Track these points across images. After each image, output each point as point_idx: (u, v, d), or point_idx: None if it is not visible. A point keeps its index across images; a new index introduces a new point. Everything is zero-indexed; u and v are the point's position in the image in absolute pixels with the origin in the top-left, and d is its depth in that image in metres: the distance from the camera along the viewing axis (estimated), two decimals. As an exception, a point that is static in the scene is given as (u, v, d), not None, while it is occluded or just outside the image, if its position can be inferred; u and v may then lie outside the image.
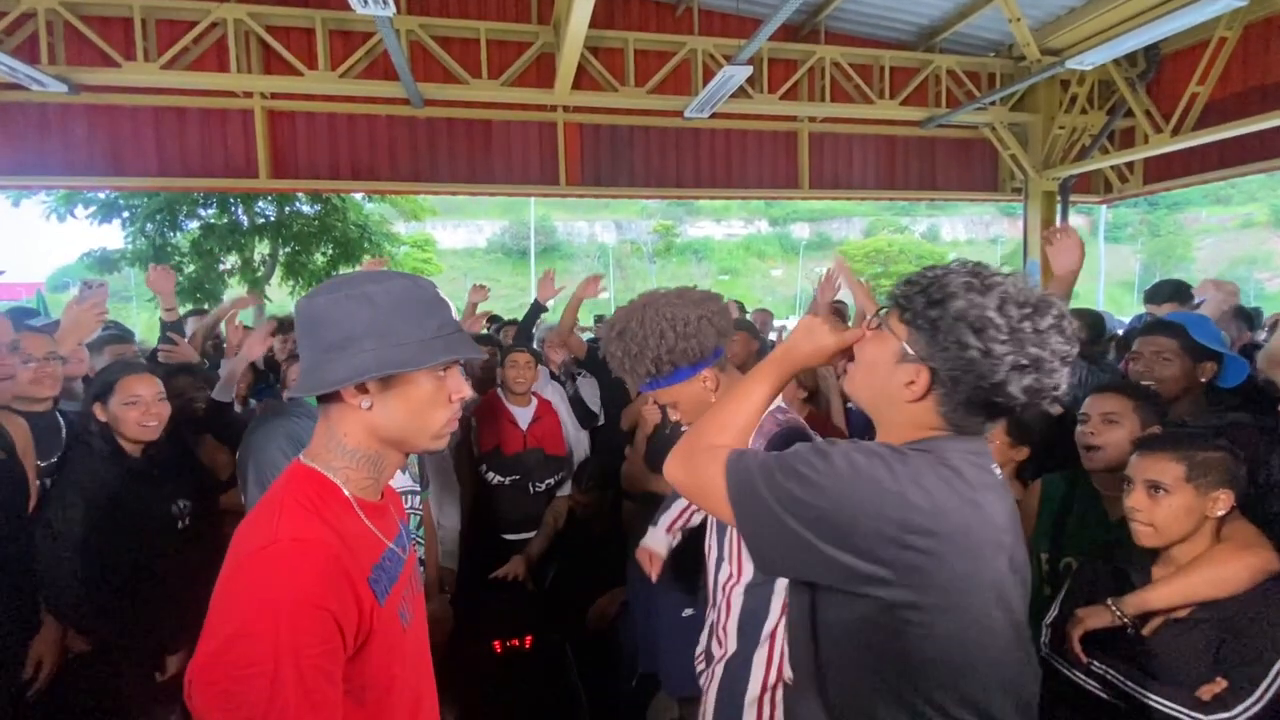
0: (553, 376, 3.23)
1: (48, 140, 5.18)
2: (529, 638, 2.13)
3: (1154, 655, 1.21)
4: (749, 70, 4.85)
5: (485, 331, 3.95)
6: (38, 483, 1.77)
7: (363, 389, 0.86)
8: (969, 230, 46.87)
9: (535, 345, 3.41)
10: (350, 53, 5.09)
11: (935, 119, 6.31)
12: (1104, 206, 8.98)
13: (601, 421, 3.20)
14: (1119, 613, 1.25)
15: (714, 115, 5.83)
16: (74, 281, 10.32)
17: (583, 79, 5.46)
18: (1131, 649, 1.25)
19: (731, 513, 0.86)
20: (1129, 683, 1.19)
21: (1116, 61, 5.80)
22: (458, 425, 0.98)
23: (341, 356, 0.84)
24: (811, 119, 6.56)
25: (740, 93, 5.50)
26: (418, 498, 1.74)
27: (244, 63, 4.96)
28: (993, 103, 6.17)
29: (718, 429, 0.96)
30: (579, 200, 7.50)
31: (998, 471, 0.89)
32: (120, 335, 2.92)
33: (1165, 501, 1.24)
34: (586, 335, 5.29)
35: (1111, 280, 31.51)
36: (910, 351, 0.86)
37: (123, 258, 8.94)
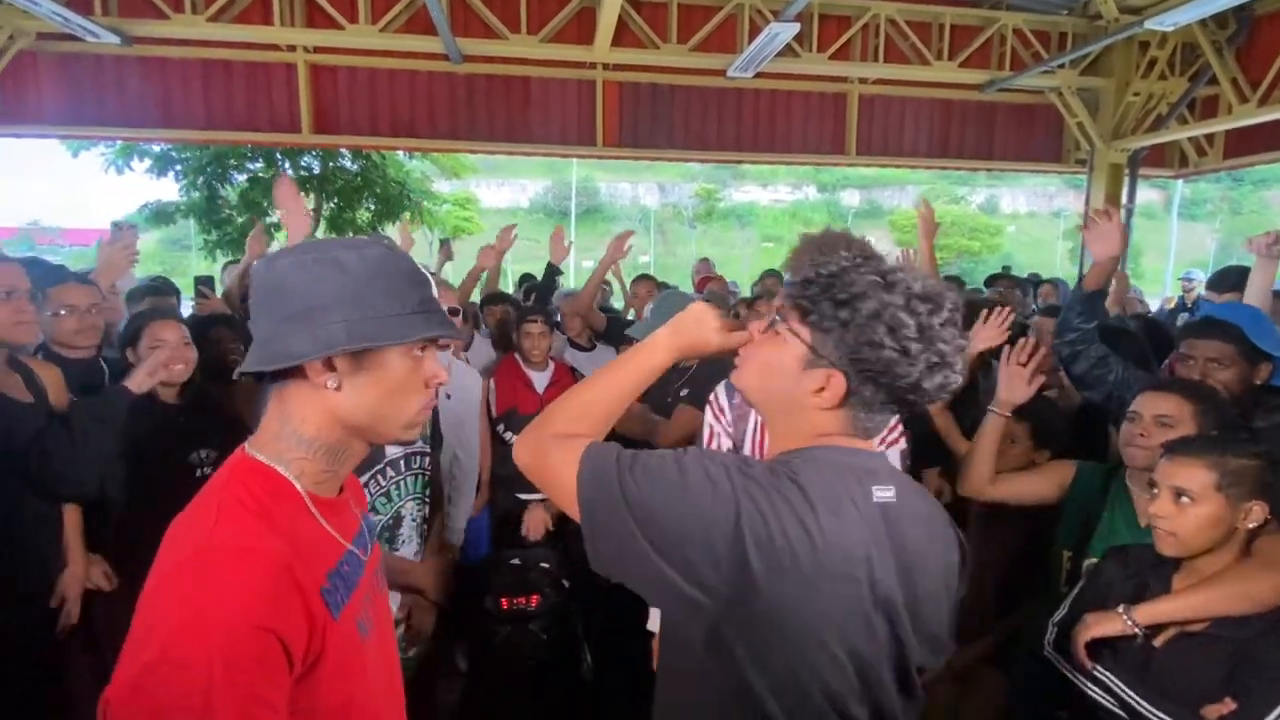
0: (573, 344, 3.23)
1: (103, 92, 5.33)
2: (535, 596, 2.17)
3: (1162, 668, 1.15)
4: (796, 27, 4.61)
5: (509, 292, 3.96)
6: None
7: (330, 366, 0.74)
8: (1030, 203, 44.66)
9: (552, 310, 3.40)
10: (390, 6, 5.04)
11: (997, 82, 5.92)
12: (1179, 181, 8.39)
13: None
14: (1130, 620, 1.19)
15: (758, 75, 5.60)
16: (138, 226, 10.72)
17: (623, 35, 5.30)
18: (1140, 659, 1.19)
19: (578, 507, 0.79)
20: (1131, 693, 1.14)
21: (1203, 22, 5.31)
22: (481, 394, 0.92)
23: (305, 327, 0.73)
24: (862, 80, 6.25)
25: (787, 51, 5.25)
26: (427, 458, 1.77)
27: (287, 15, 4.97)
28: (1061, 65, 5.74)
29: (576, 415, 0.88)
30: (621, 161, 7.36)
31: (879, 493, 0.80)
32: (159, 287, 3.03)
33: (1191, 510, 1.16)
34: (617, 302, 5.27)
35: (1183, 260, 29.63)
36: (819, 355, 0.80)
37: (177, 210, 9.24)
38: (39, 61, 5.18)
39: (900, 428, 1.57)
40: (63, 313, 1.96)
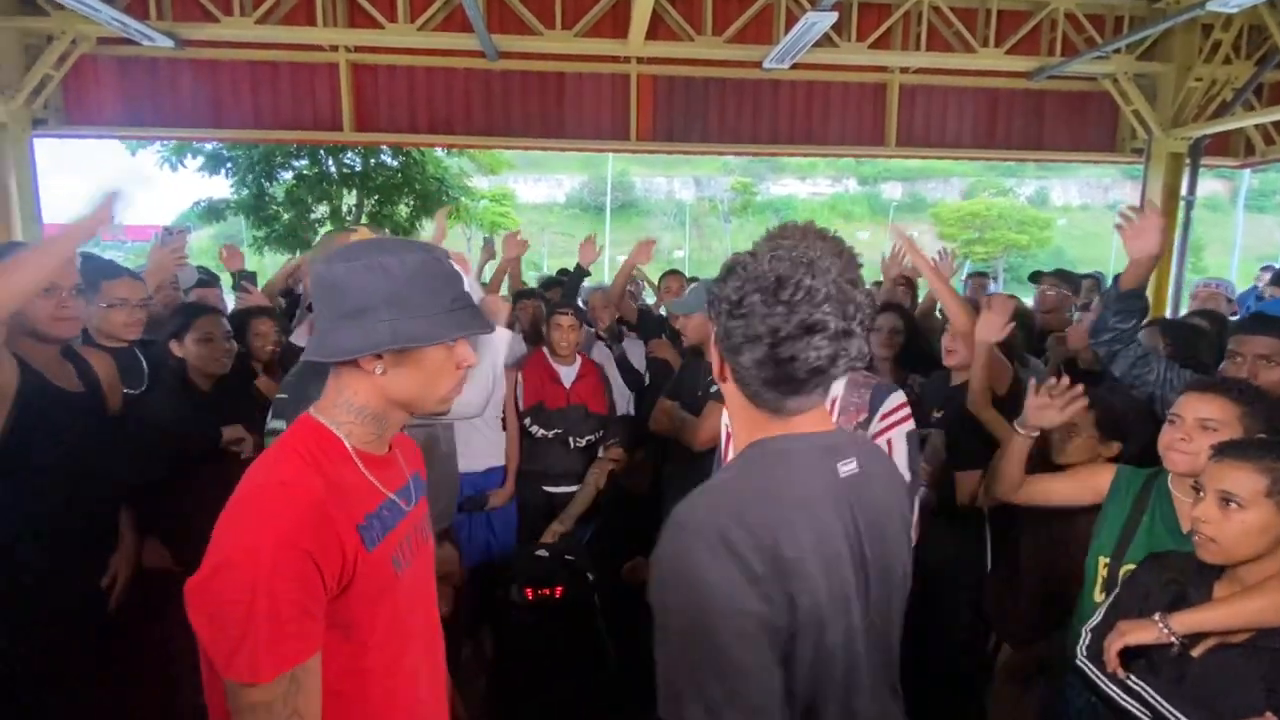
0: (599, 338, 3.25)
1: (158, 93, 5.56)
2: (559, 588, 2.19)
3: (1200, 679, 1.10)
4: (834, 16, 4.51)
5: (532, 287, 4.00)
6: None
7: (377, 356, 0.89)
8: (1083, 194, 42.86)
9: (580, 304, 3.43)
10: (428, 4, 5.13)
11: (1047, 69, 5.68)
12: (1246, 171, 7.94)
13: (648, 383, 3.20)
14: (1166, 629, 1.14)
15: (795, 66, 5.50)
16: (191, 227, 11.20)
17: (658, 28, 5.27)
18: (1176, 669, 1.13)
19: None
20: (1166, 703, 1.09)
21: (1271, 2, 5.00)
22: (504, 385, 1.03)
23: (357, 326, 0.87)
24: (903, 70, 6.07)
25: (825, 41, 5.15)
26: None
27: (330, 16, 5.11)
28: (1117, 50, 5.48)
29: None
30: (657, 156, 7.34)
31: (843, 469, 0.87)
32: (206, 281, 3.16)
33: (1238, 516, 1.10)
34: (648, 298, 5.27)
35: (1250, 254, 28.08)
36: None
37: (228, 206, 9.61)
38: (99, 65, 5.44)
39: (906, 409, 1.52)
40: (114, 305, 2.06)
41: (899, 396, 1.52)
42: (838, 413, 1.53)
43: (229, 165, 9.00)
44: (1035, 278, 4.45)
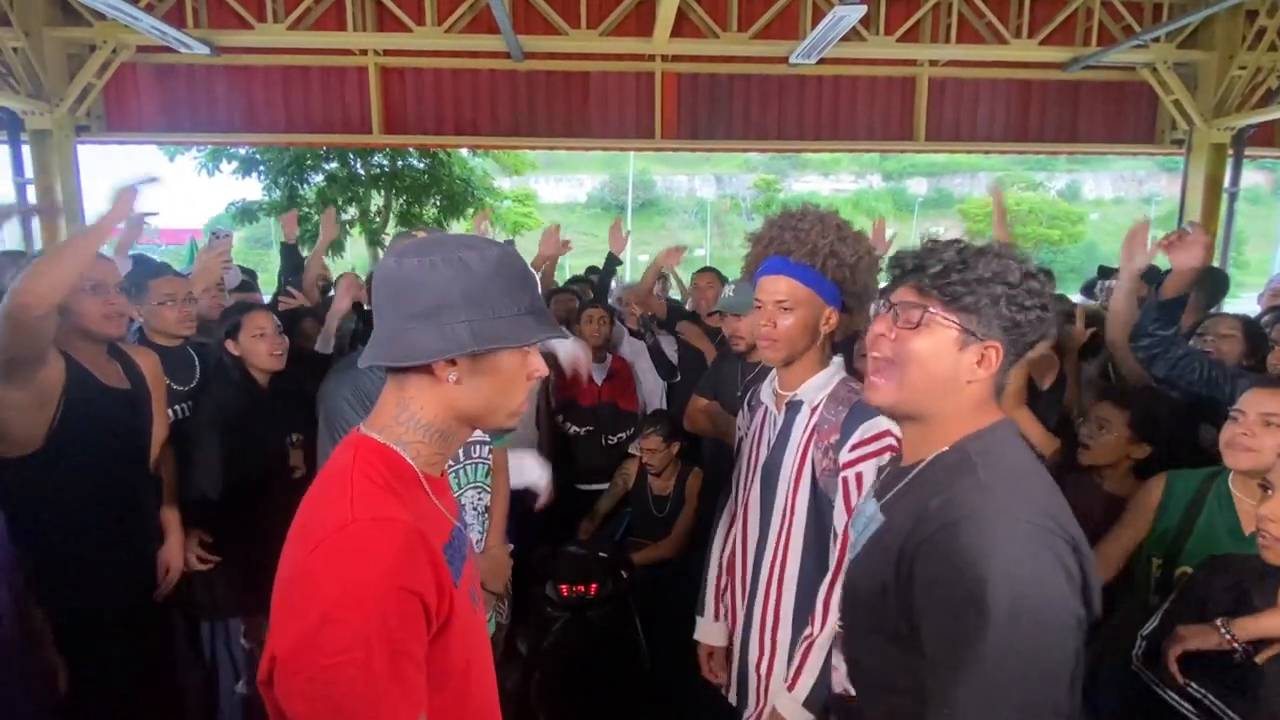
0: (632, 333, 3.25)
1: (194, 99, 5.70)
2: (594, 585, 2.20)
3: (1266, 687, 1.06)
4: (862, 9, 4.44)
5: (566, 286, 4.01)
6: (169, 410, 2.01)
7: (451, 362, 0.79)
8: (1116, 188, 41.75)
9: (612, 301, 3.43)
10: (455, 6, 5.18)
11: (1082, 60, 5.54)
12: (1291, 161, 7.66)
13: (678, 379, 3.19)
14: (1229, 634, 1.10)
15: (821, 61, 5.44)
16: (231, 230, 11.48)
17: (682, 26, 5.26)
18: (1238, 676, 1.09)
19: None
20: (1229, 711, 1.06)
21: (1323, -16, 4.82)
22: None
23: (432, 326, 0.77)
24: (933, 63, 5.97)
25: (852, 35, 5.08)
26: (486, 447, 1.81)
27: (359, 21, 5.19)
28: (1156, 39, 5.32)
29: None
30: (679, 154, 7.32)
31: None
32: (246, 283, 3.24)
33: None
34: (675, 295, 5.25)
35: (1294, 248, 27.10)
36: (971, 333, 0.88)
37: (261, 209, 9.82)
38: (139, 73, 5.59)
39: (887, 438, 1.27)
40: (164, 303, 2.11)
41: (880, 423, 1.26)
42: (811, 428, 1.36)
43: (261, 169, 9.21)
44: (1106, 273, 4.22)
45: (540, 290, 0.91)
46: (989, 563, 0.74)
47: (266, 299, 3.44)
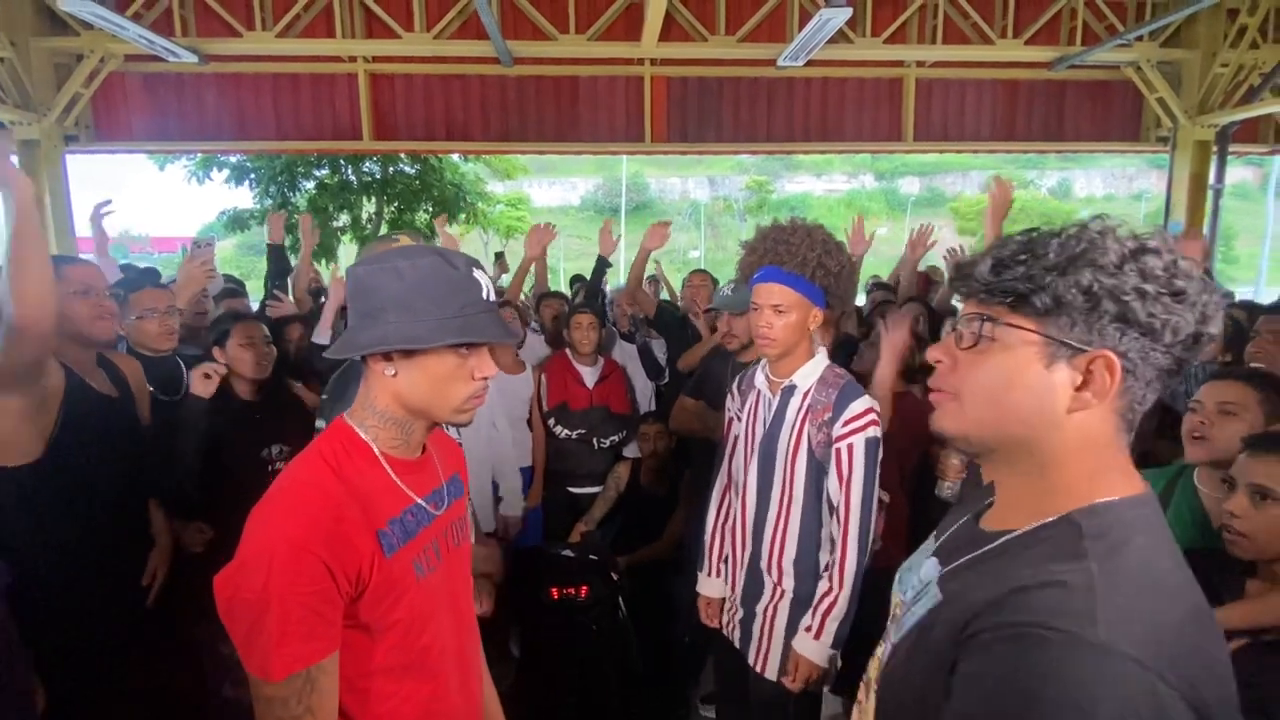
0: (622, 336, 3.26)
1: (184, 108, 5.69)
2: (584, 587, 2.21)
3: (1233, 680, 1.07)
4: (848, 12, 4.48)
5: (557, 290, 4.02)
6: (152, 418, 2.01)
7: (387, 358, 0.91)
8: (1107, 184, 42.02)
9: (607, 303, 3.43)
10: (444, 13, 5.20)
11: (1067, 59, 5.59)
12: (1277, 157, 7.73)
13: (667, 380, 3.21)
14: None
15: (809, 63, 5.48)
16: (216, 236, 11.41)
17: (671, 30, 5.29)
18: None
19: None
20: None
21: (1303, -18, 4.88)
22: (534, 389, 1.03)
23: (370, 325, 0.90)
24: (920, 64, 6.02)
25: (839, 37, 5.12)
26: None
27: (348, 28, 5.20)
28: (1139, 38, 5.38)
29: None
30: (671, 156, 7.34)
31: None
32: (234, 290, 3.24)
33: (1272, 511, 1.08)
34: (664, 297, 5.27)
35: (1282, 243, 27.30)
36: (1062, 342, 0.63)
37: (252, 216, 9.80)
38: (127, 82, 5.58)
39: (872, 414, 1.55)
40: (144, 316, 2.11)
41: (865, 401, 1.55)
42: (805, 408, 1.58)
43: (253, 176, 9.19)
44: None
45: (491, 296, 0.95)
46: (1059, 691, 0.53)
47: (255, 305, 3.45)
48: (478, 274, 0.94)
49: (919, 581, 0.77)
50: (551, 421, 2.81)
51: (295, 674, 0.81)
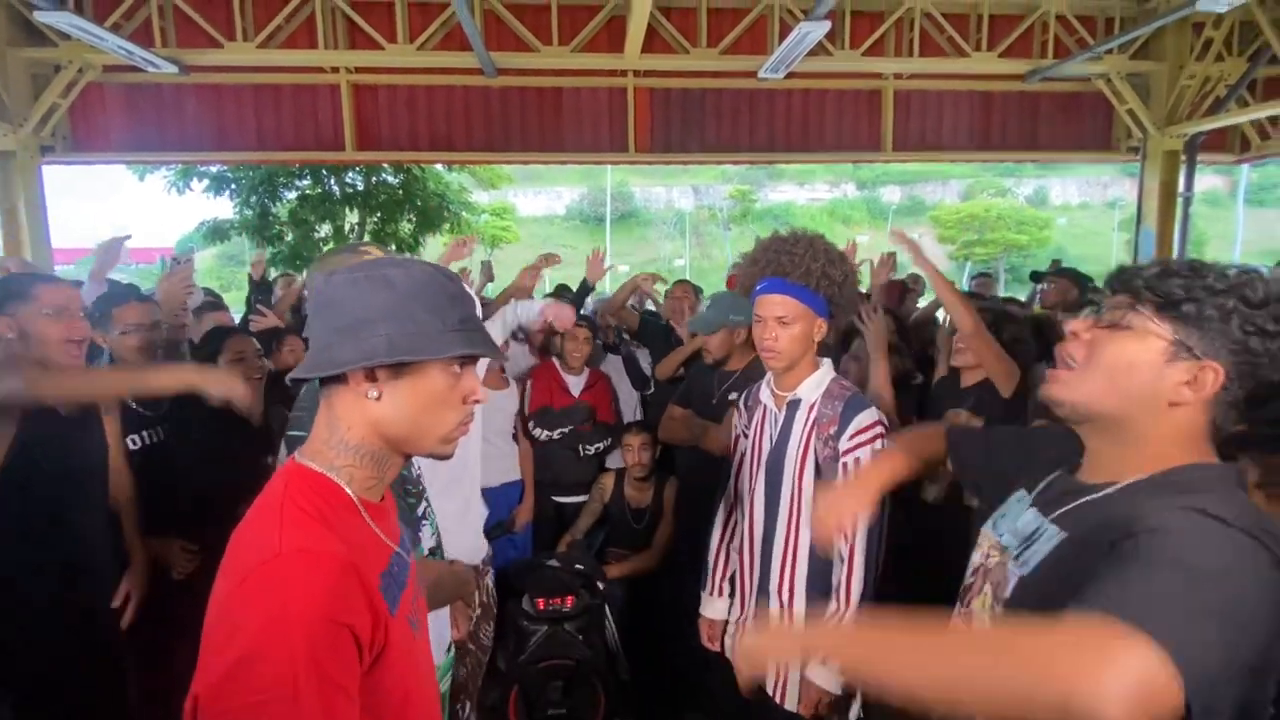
0: (606, 348, 3.28)
1: (164, 119, 5.64)
2: (570, 597, 2.21)
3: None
4: (827, 25, 4.56)
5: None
6: (138, 435, 2.00)
7: (371, 377, 0.78)
8: (1082, 192, 42.85)
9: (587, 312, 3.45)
10: (427, 24, 5.21)
11: (1040, 71, 5.73)
12: (1246, 166, 7.96)
13: (652, 390, 3.22)
14: None
15: (790, 75, 5.57)
16: (195, 247, 11.27)
17: (654, 42, 5.35)
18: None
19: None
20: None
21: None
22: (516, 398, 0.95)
23: (352, 339, 0.77)
24: (897, 76, 6.13)
25: (819, 50, 5.21)
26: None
27: (330, 39, 5.19)
28: (1109, 51, 5.53)
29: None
30: (656, 166, 7.40)
31: None
32: (216, 303, 3.21)
33: None
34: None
35: (1251, 249, 28.04)
36: (1186, 348, 0.75)
37: (232, 227, 9.69)
38: (105, 93, 5.53)
39: (878, 426, 1.53)
40: (127, 332, 2.09)
41: (873, 414, 1.53)
42: (811, 422, 1.55)
43: (233, 187, 9.10)
44: (1036, 277, 4.48)
45: (479, 313, 0.89)
46: (1199, 552, 0.64)
47: (237, 318, 3.42)
48: (468, 288, 0.91)
49: (1021, 527, 0.89)
50: (532, 424, 2.81)
51: None
